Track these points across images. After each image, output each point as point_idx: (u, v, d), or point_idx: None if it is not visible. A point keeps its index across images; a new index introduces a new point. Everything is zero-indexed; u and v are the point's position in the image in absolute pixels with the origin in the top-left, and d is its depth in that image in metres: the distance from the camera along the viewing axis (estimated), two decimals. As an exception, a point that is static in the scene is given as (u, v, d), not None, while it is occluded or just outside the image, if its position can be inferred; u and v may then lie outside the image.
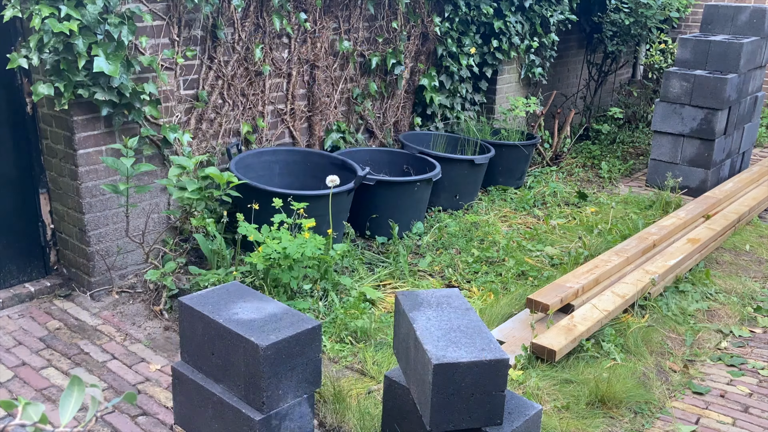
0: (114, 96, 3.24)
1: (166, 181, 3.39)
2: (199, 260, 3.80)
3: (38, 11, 2.94)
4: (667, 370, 3.08)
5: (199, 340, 2.31)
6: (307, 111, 4.52)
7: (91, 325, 3.29)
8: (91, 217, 3.43)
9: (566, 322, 3.18)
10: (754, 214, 4.95)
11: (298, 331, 2.17)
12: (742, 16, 5.49)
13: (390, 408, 2.36)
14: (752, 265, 4.20)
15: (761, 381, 3.04)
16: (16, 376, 2.88)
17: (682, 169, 5.36)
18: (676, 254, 3.90)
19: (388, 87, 5.02)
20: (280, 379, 2.16)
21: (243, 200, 3.71)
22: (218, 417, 2.28)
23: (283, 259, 3.26)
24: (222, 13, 3.85)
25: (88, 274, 3.52)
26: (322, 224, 3.68)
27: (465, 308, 2.28)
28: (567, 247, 4.28)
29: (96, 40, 3.09)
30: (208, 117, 3.94)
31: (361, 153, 4.67)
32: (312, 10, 4.30)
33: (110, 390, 2.81)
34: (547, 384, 2.86)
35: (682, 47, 5.40)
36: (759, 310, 3.66)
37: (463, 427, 2.04)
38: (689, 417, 2.76)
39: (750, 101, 5.68)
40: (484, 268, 3.94)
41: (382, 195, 4.20)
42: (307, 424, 2.31)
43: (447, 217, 4.65)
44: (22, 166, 3.48)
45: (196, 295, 2.39)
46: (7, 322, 3.29)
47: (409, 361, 2.21)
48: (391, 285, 3.75)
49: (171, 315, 3.37)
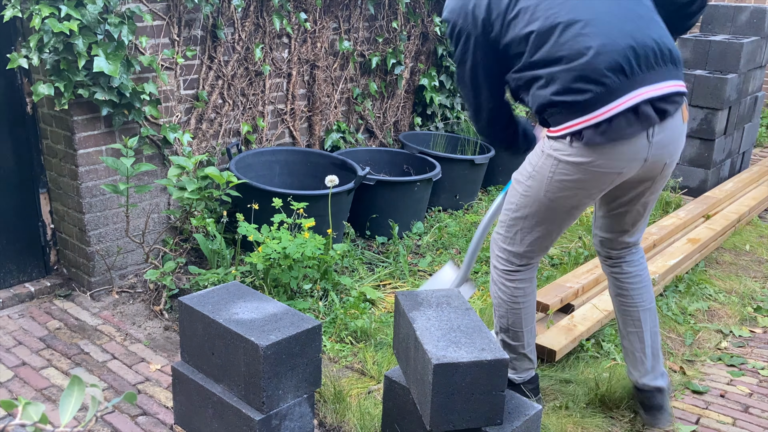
0: (114, 96, 3.24)
1: (165, 181, 3.39)
2: (199, 260, 3.80)
3: (38, 11, 2.94)
4: (667, 370, 3.08)
5: (199, 340, 2.31)
6: (307, 111, 4.53)
7: (91, 325, 3.29)
8: (91, 217, 3.43)
9: (566, 322, 3.19)
10: (754, 214, 4.95)
11: (298, 331, 2.17)
12: (742, 16, 5.49)
13: (390, 408, 2.36)
14: (752, 265, 4.20)
15: (761, 381, 3.04)
16: (16, 376, 2.88)
17: (682, 169, 5.36)
18: (676, 254, 3.90)
19: (388, 87, 5.02)
20: (280, 379, 2.16)
21: (243, 200, 3.71)
22: (218, 417, 2.28)
23: (283, 259, 3.26)
24: (222, 13, 3.86)
25: (88, 274, 3.52)
26: (322, 224, 3.68)
27: (465, 308, 2.28)
28: (567, 247, 4.28)
29: (96, 40, 3.09)
30: (208, 117, 3.94)
31: (361, 153, 4.67)
32: (312, 10, 4.30)
33: (110, 390, 2.81)
34: (547, 384, 2.86)
35: (682, 47, 5.40)
36: (759, 310, 3.66)
37: (463, 427, 2.04)
38: (689, 417, 2.76)
39: (750, 101, 5.68)
40: (485, 268, 3.94)
41: (382, 195, 4.20)
42: (307, 424, 2.31)
43: (447, 217, 4.65)
44: (22, 166, 3.48)
45: (196, 295, 2.39)
46: (7, 322, 3.29)
47: (409, 361, 2.21)
48: (391, 285, 3.75)
49: (171, 315, 3.37)
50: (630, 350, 2.61)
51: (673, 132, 2.15)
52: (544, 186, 2.22)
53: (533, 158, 2.27)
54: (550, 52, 2.08)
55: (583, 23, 2.06)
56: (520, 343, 2.53)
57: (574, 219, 2.31)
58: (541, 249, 2.41)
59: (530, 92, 2.18)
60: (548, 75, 2.09)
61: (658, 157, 2.17)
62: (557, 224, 2.32)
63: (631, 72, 2.02)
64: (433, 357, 1.97)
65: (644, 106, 2.04)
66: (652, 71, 2.05)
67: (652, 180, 2.28)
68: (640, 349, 2.58)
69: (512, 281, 2.46)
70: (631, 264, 2.55)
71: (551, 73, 2.08)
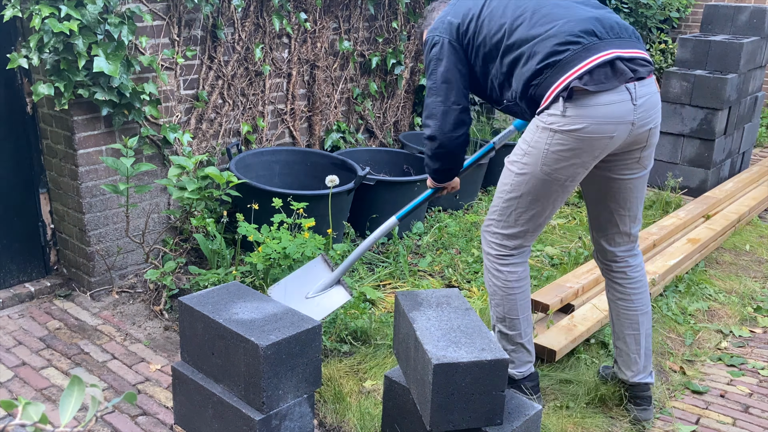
0: (114, 96, 3.24)
1: (165, 181, 3.39)
2: (199, 260, 3.80)
3: (38, 11, 2.94)
4: (667, 370, 3.08)
5: (199, 340, 2.31)
6: (307, 111, 4.53)
7: (91, 325, 3.29)
8: (91, 217, 3.43)
9: (566, 322, 3.19)
10: (754, 214, 4.95)
11: (298, 331, 2.17)
12: (742, 16, 5.49)
13: (390, 408, 2.36)
14: (752, 265, 4.20)
15: (761, 381, 3.04)
16: (16, 376, 2.88)
17: (682, 169, 5.36)
18: (676, 254, 3.90)
19: (388, 87, 5.02)
20: (280, 379, 2.16)
21: (243, 200, 3.71)
22: (218, 417, 2.28)
23: (283, 259, 3.26)
24: (222, 13, 3.86)
25: (88, 274, 3.52)
26: (322, 224, 3.68)
27: (465, 308, 2.28)
28: (567, 247, 4.28)
29: (96, 40, 3.10)
30: (208, 117, 3.95)
31: (361, 153, 4.67)
32: (312, 10, 4.30)
33: (110, 390, 2.81)
34: (547, 384, 2.86)
35: (682, 47, 5.40)
36: (759, 310, 3.66)
37: (463, 427, 2.04)
38: (689, 417, 2.76)
39: (750, 101, 5.68)
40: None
41: (382, 195, 4.20)
42: (307, 424, 2.31)
43: (447, 217, 4.65)
44: (22, 166, 3.48)
45: (196, 295, 2.39)
46: (7, 322, 3.29)
47: (409, 361, 2.21)
48: (391, 285, 3.75)
49: (171, 315, 3.37)
50: (625, 351, 2.67)
51: (652, 97, 2.31)
52: (540, 160, 2.32)
53: (527, 136, 2.36)
54: (525, 32, 2.30)
55: (551, 5, 2.33)
56: (518, 332, 2.56)
57: (567, 194, 2.41)
58: (535, 229, 2.48)
59: (514, 75, 2.34)
60: (529, 50, 2.28)
61: (644, 121, 2.30)
62: (552, 200, 2.40)
63: (601, 35, 2.25)
64: (433, 357, 1.97)
65: (618, 62, 2.23)
66: (619, 39, 2.28)
67: (640, 149, 2.39)
68: (636, 350, 2.65)
69: (506, 265, 2.51)
70: (634, 269, 2.63)
71: (531, 48, 2.28)
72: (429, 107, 2.57)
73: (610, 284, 2.68)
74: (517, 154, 2.39)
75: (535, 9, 2.33)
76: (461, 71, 2.48)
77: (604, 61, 2.20)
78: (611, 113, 2.22)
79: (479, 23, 2.40)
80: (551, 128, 2.26)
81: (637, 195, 2.51)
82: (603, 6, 2.43)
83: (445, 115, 2.51)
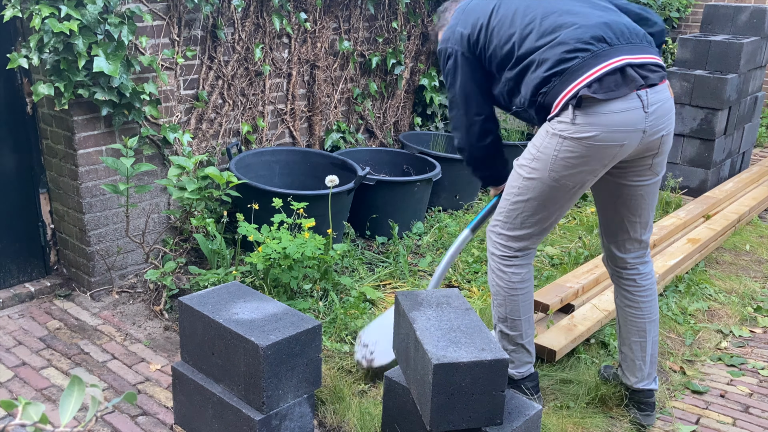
0: (114, 96, 3.24)
1: (165, 181, 3.39)
2: (199, 260, 3.80)
3: (38, 11, 2.94)
4: (667, 369, 3.08)
5: (199, 340, 2.31)
6: (307, 111, 4.53)
7: (91, 325, 3.29)
8: (91, 217, 3.43)
9: (566, 322, 3.19)
10: (754, 214, 4.95)
11: (298, 331, 2.17)
12: (742, 16, 5.49)
13: (390, 408, 2.36)
14: (752, 265, 4.20)
15: (761, 381, 3.04)
16: (16, 376, 2.88)
17: (682, 169, 5.36)
18: (676, 254, 3.90)
19: (388, 87, 5.02)
20: (280, 379, 2.16)
21: (243, 200, 3.71)
22: (218, 417, 2.28)
23: (283, 259, 3.26)
24: (222, 13, 3.86)
25: (88, 274, 3.52)
26: (322, 224, 3.68)
27: (465, 308, 2.28)
28: (567, 247, 4.28)
29: (96, 40, 3.09)
30: (208, 117, 3.95)
31: (361, 153, 4.67)
32: (312, 10, 4.30)
33: (110, 390, 2.81)
34: (547, 384, 2.86)
35: (682, 47, 5.40)
36: (759, 310, 3.66)
37: (463, 427, 2.04)
38: (689, 417, 2.76)
39: (750, 101, 5.68)
40: (484, 268, 3.94)
41: (382, 195, 4.20)
42: (307, 424, 2.31)
43: (447, 217, 4.65)
44: (22, 166, 3.48)
45: (196, 295, 2.39)
46: (7, 322, 3.29)
47: (409, 361, 2.21)
48: (391, 285, 3.75)
49: (171, 315, 3.37)
50: (630, 357, 2.66)
51: (664, 104, 2.28)
52: (549, 165, 2.30)
53: (537, 141, 2.35)
54: (535, 40, 2.28)
55: (559, 13, 2.30)
56: (519, 333, 2.56)
57: (575, 199, 2.39)
58: (541, 232, 2.47)
59: (524, 82, 2.32)
60: (539, 57, 2.26)
61: (656, 129, 2.27)
62: (559, 205, 2.39)
63: (611, 42, 2.22)
64: (433, 357, 1.97)
65: (629, 69, 2.20)
66: (630, 44, 2.24)
67: (652, 156, 2.36)
68: (641, 357, 2.64)
69: (510, 266, 2.50)
70: (644, 277, 2.61)
71: (540, 55, 2.26)
72: (453, 120, 2.56)
73: (618, 290, 2.66)
74: (526, 158, 2.38)
75: (544, 15, 2.30)
76: (478, 81, 2.46)
77: (614, 68, 2.18)
78: (622, 121, 2.19)
79: (489, 33, 2.38)
80: (561, 135, 2.24)
81: (648, 202, 2.48)
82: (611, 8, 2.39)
83: (470, 128, 2.51)
